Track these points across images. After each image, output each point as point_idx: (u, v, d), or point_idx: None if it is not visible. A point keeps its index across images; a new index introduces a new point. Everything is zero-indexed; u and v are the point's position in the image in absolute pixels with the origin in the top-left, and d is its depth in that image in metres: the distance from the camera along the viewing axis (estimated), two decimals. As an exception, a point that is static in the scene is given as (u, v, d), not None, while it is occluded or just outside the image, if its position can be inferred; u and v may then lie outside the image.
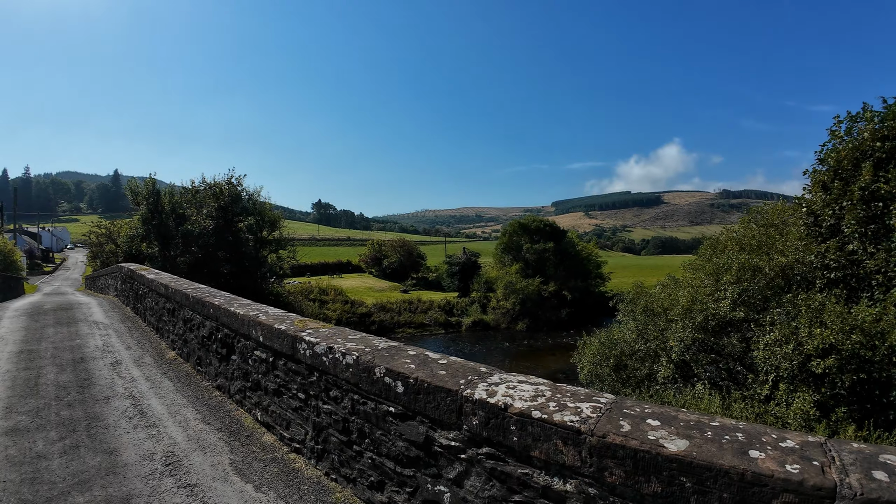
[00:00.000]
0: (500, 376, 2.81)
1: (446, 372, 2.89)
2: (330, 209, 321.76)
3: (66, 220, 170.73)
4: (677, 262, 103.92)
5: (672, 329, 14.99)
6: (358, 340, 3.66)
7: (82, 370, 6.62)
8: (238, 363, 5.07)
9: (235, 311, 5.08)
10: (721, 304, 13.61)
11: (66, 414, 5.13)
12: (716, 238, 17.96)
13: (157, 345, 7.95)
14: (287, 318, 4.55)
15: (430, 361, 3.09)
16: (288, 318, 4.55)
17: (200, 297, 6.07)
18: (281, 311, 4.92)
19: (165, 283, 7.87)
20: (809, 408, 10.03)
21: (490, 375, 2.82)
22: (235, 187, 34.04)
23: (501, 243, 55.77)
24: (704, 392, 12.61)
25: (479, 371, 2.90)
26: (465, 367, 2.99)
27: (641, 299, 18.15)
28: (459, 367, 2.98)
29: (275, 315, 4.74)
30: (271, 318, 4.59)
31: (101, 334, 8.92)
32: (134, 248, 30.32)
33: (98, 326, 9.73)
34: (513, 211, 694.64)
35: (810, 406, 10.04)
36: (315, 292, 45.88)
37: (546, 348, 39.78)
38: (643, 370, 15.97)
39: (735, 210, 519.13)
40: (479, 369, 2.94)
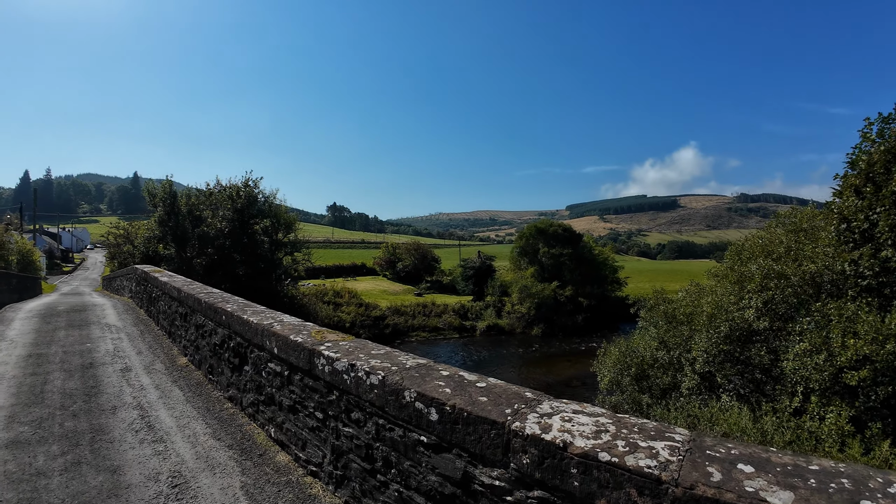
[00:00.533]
0: (551, 404, 2.43)
1: (487, 398, 2.50)
2: (345, 212, 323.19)
3: (87, 221, 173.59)
4: (694, 266, 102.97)
5: (697, 339, 14.46)
6: (382, 357, 3.29)
7: (90, 377, 6.35)
8: (251, 374, 4.74)
9: (248, 319, 4.74)
10: (746, 313, 13.12)
11: (70, 425, 4.84)
12: (741, 244, 17.34)
13: (169, 350, 7.68)
14: (304, 329, 4.20)
15: (468, 385, 2.71)
16: (304, 329, 4.20)
17: (212, 303, 5.76)
18: (297, 321, 4.57)
19: (178, 286, 7.60)
20: (844, 423, 9.56)
21: (539, 403, 2.43)
22: (252, 190, 34.05)
23: (517, 247, 55.18)
24: (734, 407, 12.05)
25: (524, 397, 2.51)
26: (508, 392, 2.60)
27: (662, 306, 17.60)
28: (501, 392, 2.60)
29: (290, 325, 4.40)
30: (287, 328, 4.25)
31: (113, 338, 8.68)
32: (151, 249, 30.43)
33: (110, 329, 9.51)
34: (527, 214, 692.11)
35: (845, 421, 9.58)
36: (329, 294, 45.73)
37: (562, 354, 39.13)
38: (666, 379, 15.43)
39: (753, 214, 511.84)
40: (525, 395, 2.55)
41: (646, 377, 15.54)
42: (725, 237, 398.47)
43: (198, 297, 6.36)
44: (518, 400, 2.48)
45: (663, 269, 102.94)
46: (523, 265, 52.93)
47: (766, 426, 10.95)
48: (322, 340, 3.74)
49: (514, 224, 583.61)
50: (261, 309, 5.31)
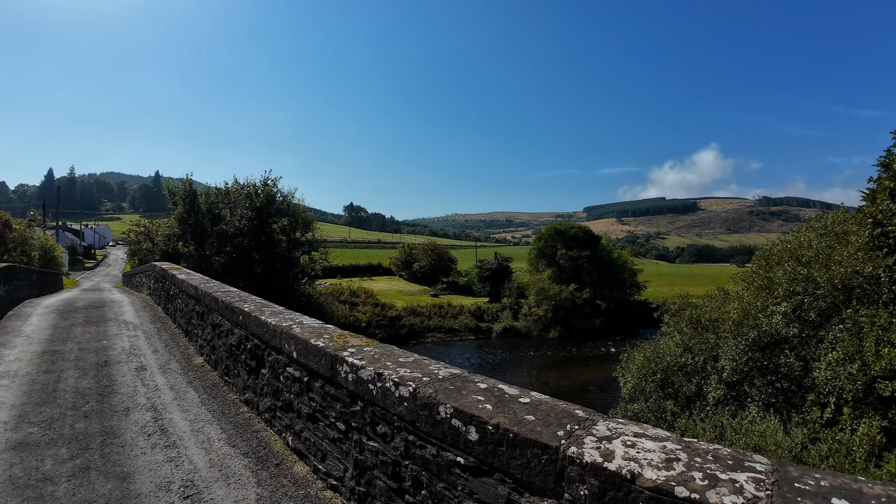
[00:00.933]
0: (608, 425, 2.12)
1: (535, 417, 2.21)
2: (361, 212, 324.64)
3: (109, 219, 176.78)
4: (714, 270, 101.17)
5: (724, 347, 13.97)
6: (411, 365, 3.01)
7: (104, 375, 6.18)
8: (268, 378, 4.50)
9: (266, 320, 4.50)
10: (773, 319, 12.64)
11: (81, 427, 4.65)
12: (769, 248, 16.81)
13: (185, 349, 7.51)
14: (325, 332, 3.94)
15: (510, 400, 2.42)
16: (326, 332, 3.94)
17: (229, 303, 5.55)
18: (317, 323, 4.32)
19: (195, 284, 7.42)
20: (876, 434, 9.16)
21: (594, 424, 2.13)
22: (270, 188, 34.13)
23: (535, 248, 54.65)
24: (767, 419, 11.56)
25: (576, 416, 2.21)
26: (556, 409, 2.30)
27: (686, 311, 17.11)
28: (549, 409, 2.30)
29: (311, 327, 4.14)
30: (307, 330, 3.99)
31: (130, 335, 8.54)
32: (170, 246, 30.63)
33: (127, 327, 9.39)
34: (544, 216, 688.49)
35: (877, 432, 9.17)
36: (346, 294, 45.70)
37: (580, 358, 38.57)
38: (691, 387, 14.94)
39: (775, 218, 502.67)
40: (576, 413, 2.25)
41: (670, 384, 15.08)
42: (747, 241, 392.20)
43: (214, 296, 6.16)
44: (569, 419, 2.18)
45: (682, 272, 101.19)
46: (541, 267, 52.41)
47: (798, 438, 10.47)
48: (345, 346, 3.48)
49: (531, 226, 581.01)
50: (279, 310, 5.07)
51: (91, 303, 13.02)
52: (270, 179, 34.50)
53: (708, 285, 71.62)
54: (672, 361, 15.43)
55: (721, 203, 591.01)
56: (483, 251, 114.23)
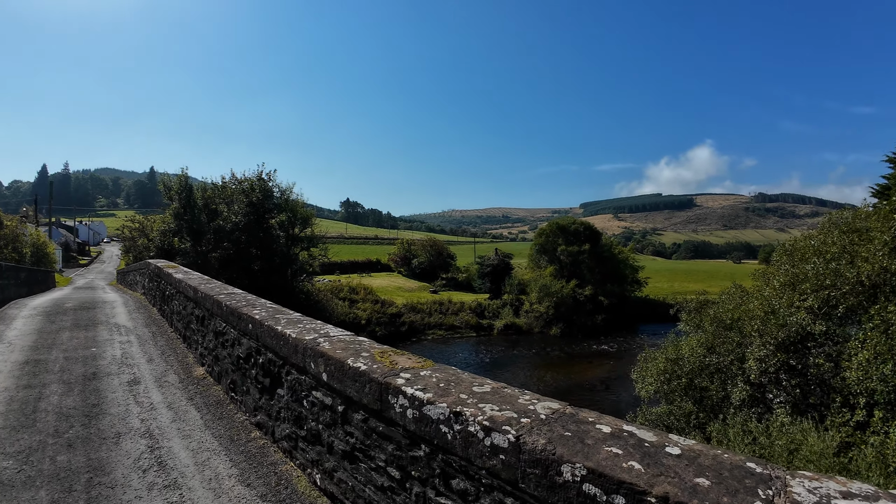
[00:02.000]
0: (805, 485, 1.39)
1: (708, 481, 1.46)
2: (358, 208, 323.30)
3: (104, 215, 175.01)
4: (711, 266, 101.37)
5: (751, 347, 13.36)
6: (493, 398, 2.25)
7: (92, 391, 5.40)
8: (287, 401, 3.74)
9: (284, 331, 3.74)
10: (799, 315, 12.07)
11: (63, 460, 3.88)
12: (792, 244, 16.22)
13: (184, 357, 6.73)
14: (361, 348, 3.17)
15: (655, 451, 1.67)
16: (362, 348, 3.17)
17: (235, 308, 4.78)
18: (348, 335, 3.56)
19: (194, 285, 6.64)
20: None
21: (785, 486, 1.39)
22: (266, 183, 33.30)
23: (537, 244, 53.97)
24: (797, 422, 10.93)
25: (756, 474, 1.48)
26: (724, 463, 1.56)
27: (710, 309, 16.47)
28: (715, 465, 1.55)
29: (342, 341, 3.38)
30: (338, 346, 3.23)
31: (122, 341, 7.75)
32: (166, 242, 29.76)
33: (119, 331, 8.59)
34: (540, 212, 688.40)
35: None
36: (345, 291, 44.94)
37: (582, 356, 38.00)
38: (720, 393, 14.26)
39: (771, 214, 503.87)
40: (752, 469, 1.51)
41: (695, 387, 14.42)
42: (743, 237, 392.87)
43: (217, 300, 5.39)
44: (750, 479, 1.45)
45: (679, 268, 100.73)
46: (542, 263, 51.79)
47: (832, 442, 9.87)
48: (394, 368, 2.72)
49: (527, 221, 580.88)
50: (296, 317, 4.31)
51: (81, 303, 12.19)
52: (266, 173, 33.66)
53: (706, 281, 71.72)
54: (695, 362, 14.80)
55: (717, 199, 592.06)
56: (481, 247, 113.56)
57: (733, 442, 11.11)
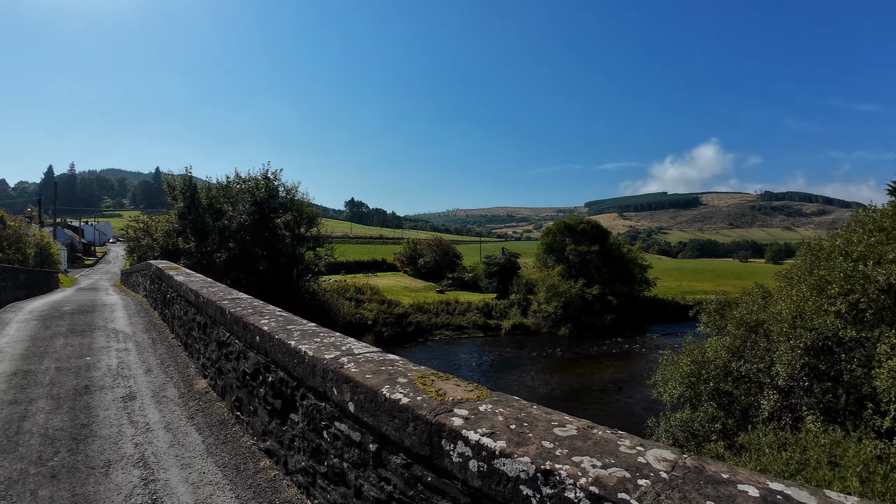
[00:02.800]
0: None
1: None
2: (363, 207, 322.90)
3: (110, 215, 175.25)
4: (717, 265, 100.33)
5: (779, 351, 12.75)
6: (584, 443, 1.67)
7: (83, 408, 4.84)
8: (303, 429, 3.17)
9: (298, 347, 3.16)
10: (828, 318, 11.47)
11: (45, 495, 3.32)
12: (818, 244, 15.65)
13: (185, 368, 6.17)
14: (395, 371, 2.59)
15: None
16: (397, 371, 2.59)
17: (240, 317, 4.21)
18: (376, 352, 2.99)
19: (196, 289, 6.08)
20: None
21: None
22: (272, 182, 32.79)
23: (544, 243, 53.31)
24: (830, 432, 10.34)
25: None
26: None
27: (734, 310, 15.84)
28: None
29: (370, 361, 2.79)
30: (366, 368, 2.65)
31: (119, 349, 7.19)
32: (170, 243, 29.31)
33: (117, 337, 8.03)
34: (545, 211, 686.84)
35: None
36: (351, 291, 44.42)
37: (592, 357, 37.37)
38: (749, 398, 13.66)
39: (777, 213, 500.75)
40: None
41: (721, 392, 13.80)
42: (749, 236, 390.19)
43: (220, 306, 4.82)
44: None
45: (686, 267, 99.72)
46: (550, 263, 51.15)
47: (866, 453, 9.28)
48: (444, 401, 2.14)
49: (532, 221, 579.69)
50: (311, 328, 3.73)
51: (80, 306, 11.65)
52: (271, 172, 33.13)
53: (714, 280, 70.87)
54: (721, 366, 14.20)
55: (723, 198, 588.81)
56: (486, 246, 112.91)
57: (768, 456, 10.56)
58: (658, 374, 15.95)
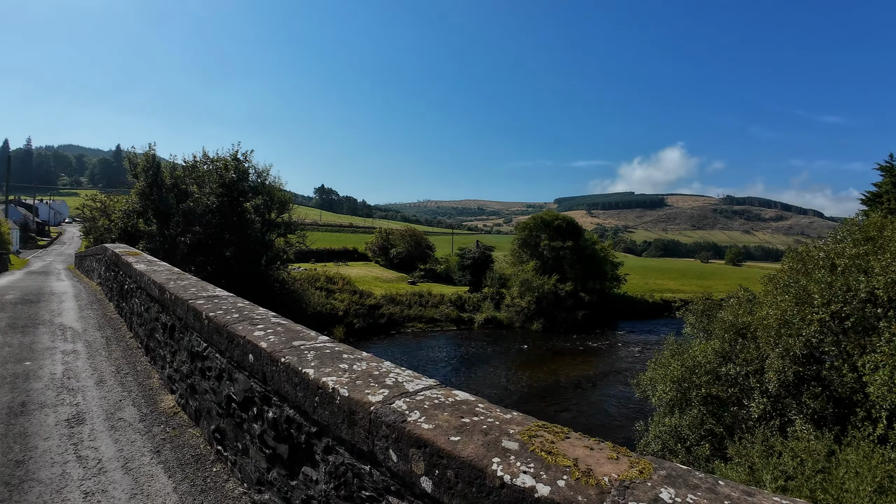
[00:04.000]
0: None
1: None
2: (332, 195, 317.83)
3: (66, 194, 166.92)
4: (681, 265, 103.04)
5: (770, 358, 12.62)
6: None
7: (18, 436, 3.72)
8: (326, 493, 2.22)
9: (321, 381, 2.18)
10: (810, 328, 11.30)
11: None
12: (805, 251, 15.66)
13: (146, 379, 5.05)
14: (485, 422, 1.64)
15: None
16: (489, 424, 1.64)
17: (223, 324, 3.20)
18: (434, 385, 2.03)
19: (160, 281, 4.97)
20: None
21: None
22: (242, 163, 31.14)
23: (519, 237, 53.07)
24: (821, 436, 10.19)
25: None
26: None
27: (722, 313, 15.60)
28: None
29: (439, 404, 1.83)
30: (440, 417, 1.68)
31: (66, 351, 6.00)
32: (130, 224, 27.44)
33: (65, 335, 6.80)
34: (515, 206, 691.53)
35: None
36: (322, 280, 43.11)
37: (566, 353, 37.30)
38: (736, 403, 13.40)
39: (738, 216, 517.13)
40: None
41: (712, 398, 13.43)
42: (710, 238, 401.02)
43: (195, 308, 3.78)
44: None
45: (652, 266, 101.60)
46: (524, 257, 50.97)
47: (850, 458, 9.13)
48: (601, 486, 1.25)
49: (502, 215, 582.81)
50: (329, 347, 2.73)
51: (26, 294, 10.23)
52: (242, 153, 31.44)
53: (679, 279, 72.25)
54: (710, 370, 13.86)
55: (687, 200, 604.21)
56: (458, 239, 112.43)
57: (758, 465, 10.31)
58: (646, 375, 15.58)
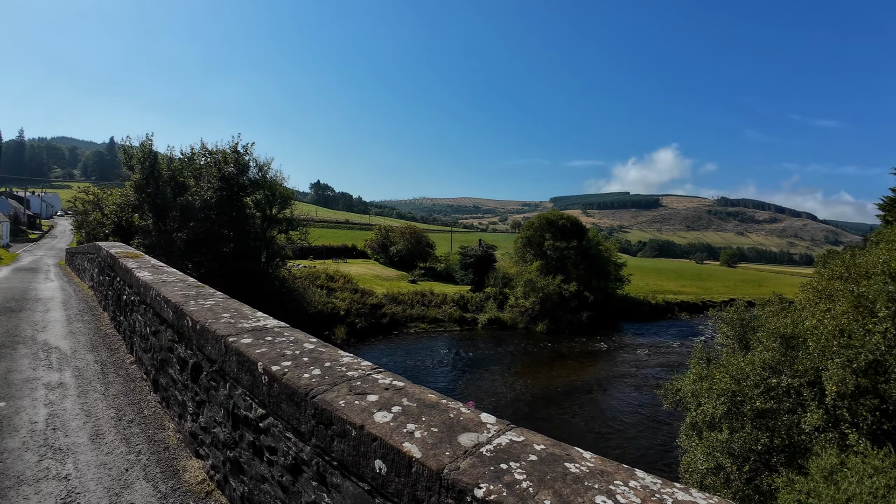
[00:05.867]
0: None
1: None
2: (328, 191, 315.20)
3: (59, 186, 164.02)
4: (676, 265, 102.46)
5: (827, 370, 11.64)
6: None
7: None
8: None
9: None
10: (873, 339, 10.42)
11: None
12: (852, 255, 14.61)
13: (158, 428, 3.79)
14: None
15: None
16: None
17: (307, 392, 2.00)
18: None
19: (177, 301, 3.72)
20: None
21: None
22: (242, 156, 29.74)
23: (523, 237, 51.94)
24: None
25: None
26: None
27: (771, 322, 14.56)
28: None
29: None
30: None
31: (51, 384, 4.68)
32: (124, 218, 26.04)
33: (50, 359, 5.48)
34: (510, 204, 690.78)
35: None
36: (322, 278, 41.77)
37: (573, 355, 36.25)
38: (789, 417, 12.35)
39: (732, 218, 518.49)
40: None
41: (765, 412, 12.36)
42: (704, 239, 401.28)
43: (242, 352, 2.51)
44: None
45: (648, 266, 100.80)
46: (528, 257, 49.85)
47: None
48: None
49: (498, 213, 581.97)
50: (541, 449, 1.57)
51: (6, 300, 8.81)
52: (242, 146, 30.00)
53: (678, 280, 71.43)
54: (758, 382, 12.80)
55: (681, 201, 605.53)
56: (457, 236, 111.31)
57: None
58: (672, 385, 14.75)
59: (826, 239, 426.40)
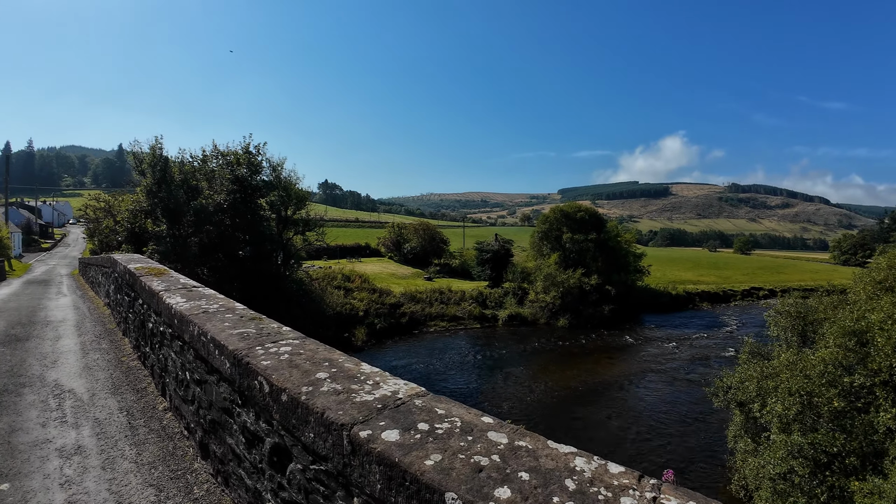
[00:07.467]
0: None
1: None
2: (336, 189, 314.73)
3: (70, 195, 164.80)
4: (690, 254, 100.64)
5: None
6: None
7: None
8: None
9: None
10: None
11: None
12: None
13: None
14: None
15: None
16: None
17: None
18: None
19: (236, 349, 2.64)
20: None
21: None
22: (255, 157, 28.77)
23: (539, 230, 50.70)
24: None
25: None
26: None
27: (839, 317, 13.44)
28: None
29: None
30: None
31: (66, 450, 3.63)
32: (137, 225, 25.18)
33: (63, 411, 4.42)
34: (518, 197, 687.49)
35: None
36: (339, 279, 40.90)
37: (598, 350, 35.10)
38: (865, 416, 11.26)
39: (743, 204, 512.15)
40: None
41: (841, 411, 11.26)
42: (716, 226, 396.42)
43: (431, 486, 1.52)
44: None
45: (661, 255, 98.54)
46: (545, 250, 48.61)
47: None
48: None
49: (506, 206, 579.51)
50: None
51: (13, 324, 7.74)
52: (254, 146, 29.03)
53: (694, 269, 69.66)
54: (832, 380, 11.70)
55: (691, 188, 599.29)
56: (470, 231, 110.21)
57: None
58: (741, 382, 13.69)
59: (839, 223, 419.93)
